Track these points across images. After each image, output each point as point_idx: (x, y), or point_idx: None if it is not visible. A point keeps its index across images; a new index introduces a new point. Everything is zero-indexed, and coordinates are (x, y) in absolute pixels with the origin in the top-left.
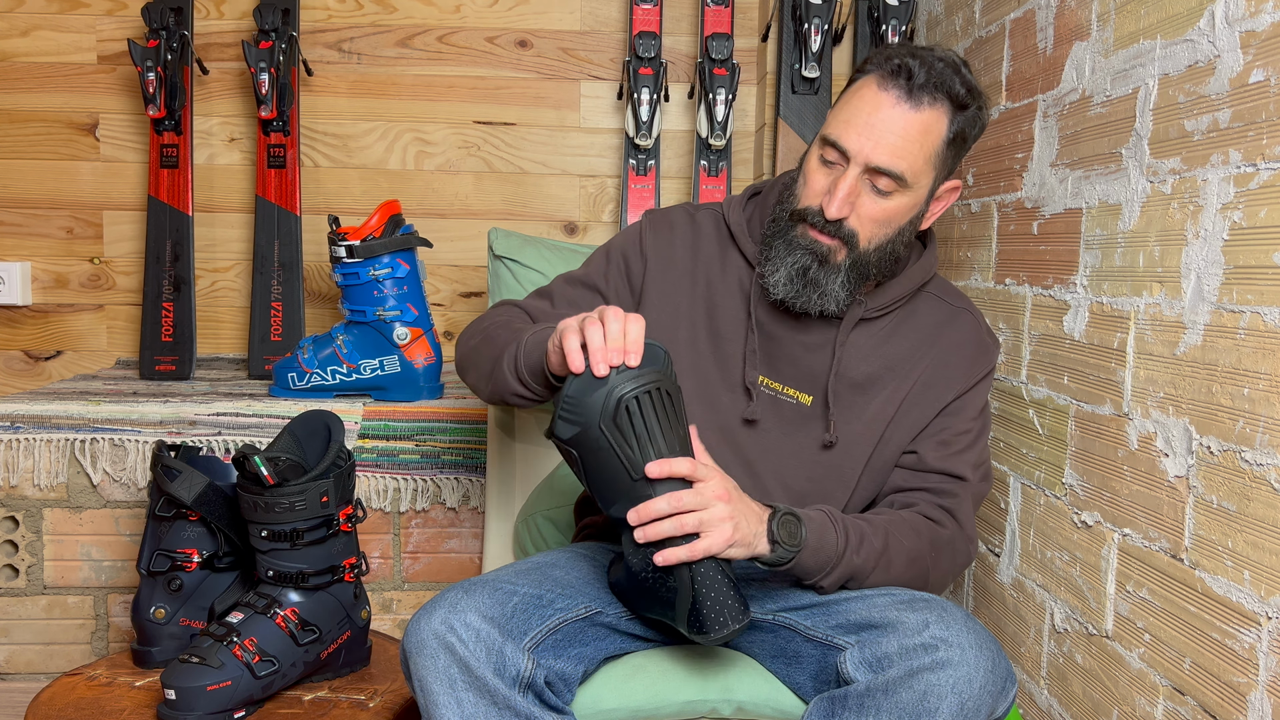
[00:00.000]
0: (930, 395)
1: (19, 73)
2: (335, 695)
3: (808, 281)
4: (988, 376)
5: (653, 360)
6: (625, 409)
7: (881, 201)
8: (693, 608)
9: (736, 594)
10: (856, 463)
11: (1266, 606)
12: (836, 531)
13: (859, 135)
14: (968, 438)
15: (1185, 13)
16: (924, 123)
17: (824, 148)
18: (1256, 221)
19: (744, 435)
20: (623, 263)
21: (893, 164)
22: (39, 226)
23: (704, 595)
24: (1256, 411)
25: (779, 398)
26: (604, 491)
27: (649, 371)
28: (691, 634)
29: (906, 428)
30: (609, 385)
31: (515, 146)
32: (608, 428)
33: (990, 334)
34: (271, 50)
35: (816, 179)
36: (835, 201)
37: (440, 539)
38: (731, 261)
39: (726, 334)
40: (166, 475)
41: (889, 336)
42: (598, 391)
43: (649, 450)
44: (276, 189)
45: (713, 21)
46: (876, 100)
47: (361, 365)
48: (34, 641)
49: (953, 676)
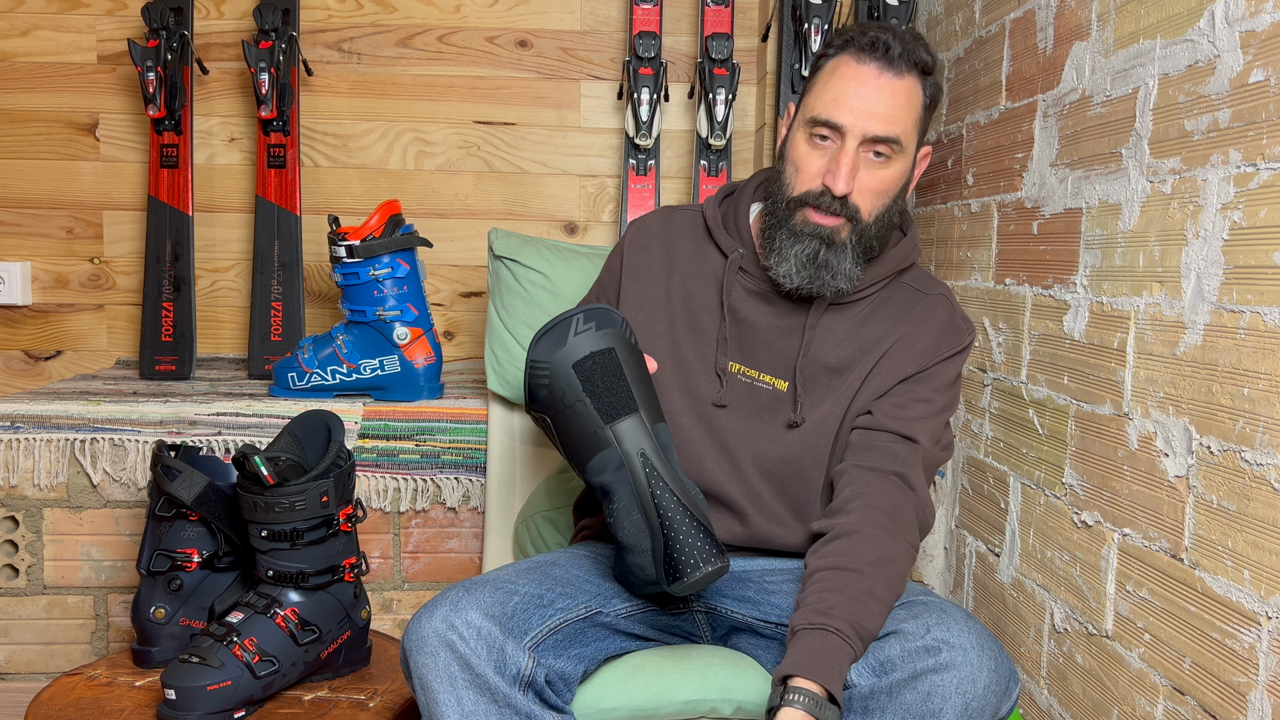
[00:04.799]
0: (891, 366)
1: (19, 73)
2: (335, 695)
3: (819, 266)
4: (957, 355)
5: (609, 323)
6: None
7: (879, 172)
8: (666, 557)
9: (708, 539)
10: (827, 446)
11: (1266, 606)
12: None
13: (851, 109)
14: (926, 407)
15: (1185, 13)
16: (907, 89)
17: (813, 129)
18: (1256, 221)
19: (719, 419)
20: (607, 274)
21: (889, 130)
22: (39, 226)
23: (674, 541)
24: (1256, 411)
25: (755, 384)
26: (576, 449)
27: (607, 331)
28: (671, 586)
29: (865, 396)
30: (568, 345)
31: (515, 146)
32: (570, 385)
33: (965, 319)
34: (271, 50)
35: (810, 161)
36: (841, 177)
37: (440, 539)
38: (708, 256)
39: (704, 325)
40: (166, 475)
41: (863, 322)
42: (559, 351)
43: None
44: (276, 189)
45: (713, 21)
46: (860, 74)
47: (361, 365)
48: (34, 641)
49: (956, 677)
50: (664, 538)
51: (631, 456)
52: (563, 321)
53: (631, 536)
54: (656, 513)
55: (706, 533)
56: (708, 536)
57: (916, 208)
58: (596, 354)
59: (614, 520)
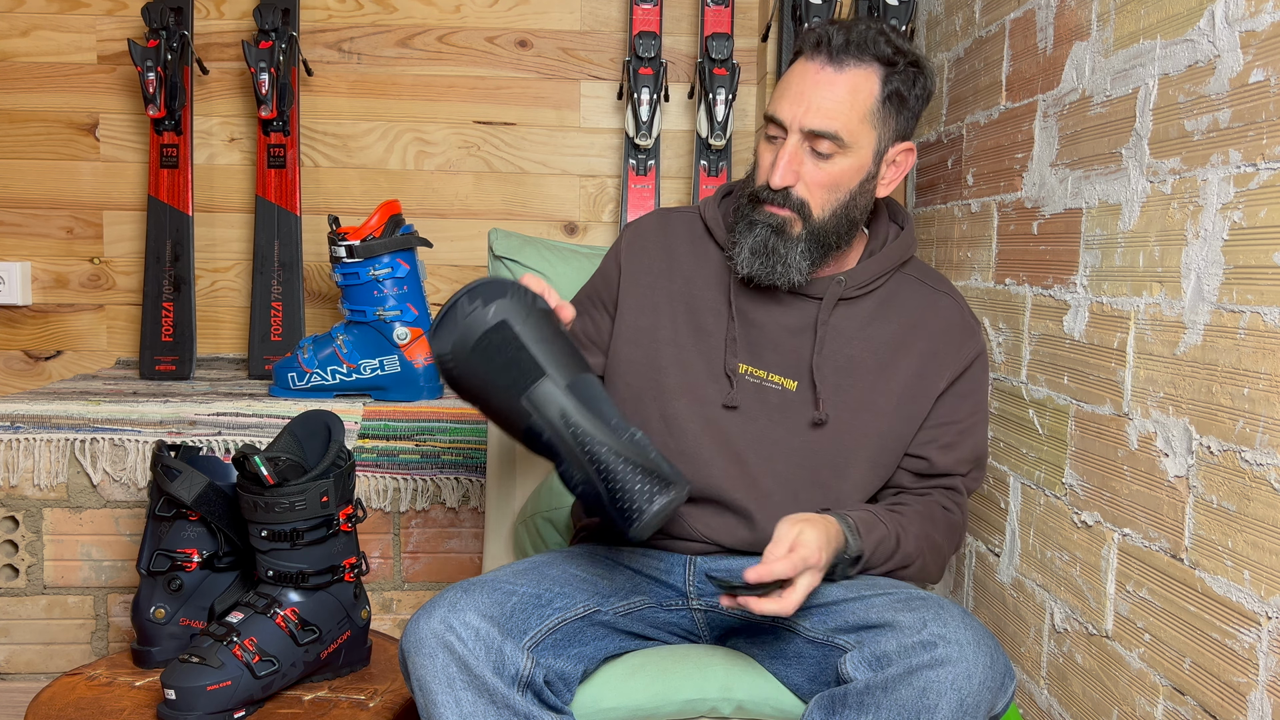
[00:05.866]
0: (924, 385)
1: (19, 73)
2: (335, 695)
3: (768, 252)
4: (979, 361)
5: (498, 293)
6: (480, 346)
7: (824, 166)
8: (616, 507)
9: (648, 477)
10: (848, 448)
11: (1266, 606)
12: (887, 529)
13: (791, 104)
14: (972, 436)
15: (1185, 13)
16: (850, 82)
17: (767, 127)
18: (1256, 221)
19: (728, 423)
20: (601, 278)
21: (825, 124)
22: (39, 226)
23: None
24: (1256, 411)
25: (764, 385)
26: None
27: (497, 304)
28: (630, 532)
29: (905, 420)
30: (459, 331)
31: (515, 146)
32: (474, 371)
33: (972, 315)
34: (271, 50)
35: (764, 158)
36: (778, 170)
37: (440, 539)
38: (710, 256)
39: (709, 327)
40: (166, 475)
41: (871, 319)
42: (455, 340)
43: (516, 373)
44: (276, 189)
45: (713, 21)
46: (803, 70)
47: (361, 365)
48: (34, 641)
49: (952, 673)
50: (608, 490)
51: (553, 421)
52: (451, 308)
53: (586, 495)
54: (595, 468)
55: (646, 472)
56: (648, 475)
57: (916, 207)
58: (488, 332)
59: (566, 483)
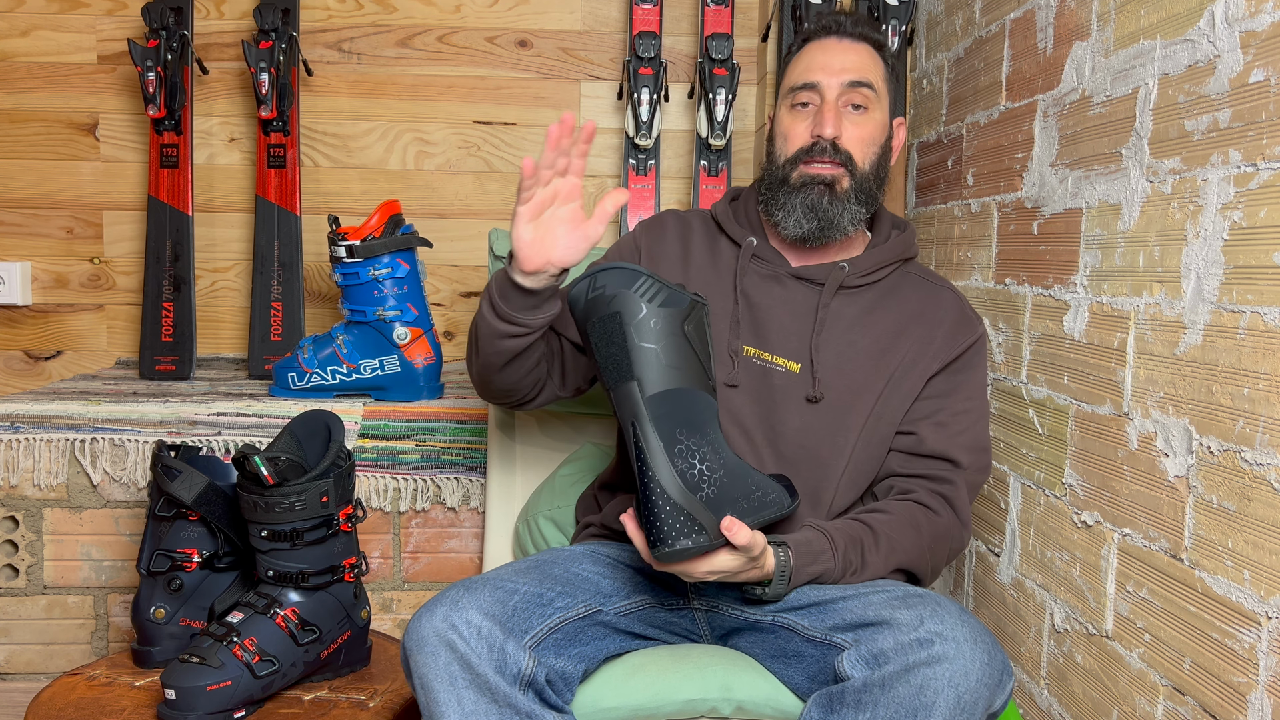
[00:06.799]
0: (918, 367)
1: (19, 73)
2: (335, 695)
3: (821, 210)
4: (976, 350)
5: (624, 283)
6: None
7: (861, 120)
8: (645, 525)
9: (678, 514)
10: (848, 429)
11: (1266, 606)
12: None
13: (823, 68)
14: (966, 419)
15: (1185, 13)
16: (867, 49)
17: (793, 97)
18: (1256, 221)
19: (732, 399)
20: (616, 254)
21: (863, 74)
22: (39, 226)
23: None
24: (1256, 411)
25: (768, 366)
26: (605, 384)
27: (620, 294)
28: (655, 553)
29: (898, 401)
30: (590, 296)
31: (515, 146)
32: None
33: (973, 310)
34: (271, 50)
35: (795, 126)
36: (828, 121)
37: (440, 539)
38: (721, 251)
39: (718, 313)
40: (166, 475)
41: (873, 308)
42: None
43: (612, 365)
44: (276, 189)
45: (713, 21)
46: (823, 44)
47: (361, 365)
48: (34, 641)
49: (949, 670)
50: (643, 506)
51: (624, 422)
52: (602, 272)
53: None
54: (640, 480)
55: (681, 511)
56: (680, 515)
57: (916, 207)
58: (605, 319)
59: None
